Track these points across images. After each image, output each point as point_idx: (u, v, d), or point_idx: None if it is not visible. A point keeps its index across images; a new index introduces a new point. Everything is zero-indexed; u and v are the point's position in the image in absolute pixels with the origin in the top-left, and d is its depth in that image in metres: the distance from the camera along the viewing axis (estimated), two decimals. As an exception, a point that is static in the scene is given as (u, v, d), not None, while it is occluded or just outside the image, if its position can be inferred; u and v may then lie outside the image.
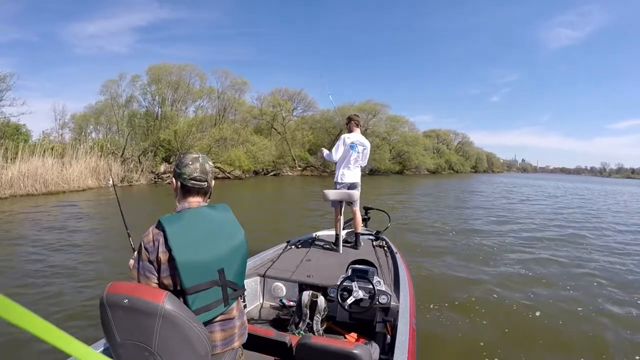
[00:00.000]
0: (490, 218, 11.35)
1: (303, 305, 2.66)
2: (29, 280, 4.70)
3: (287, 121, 38.23)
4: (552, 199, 20.30)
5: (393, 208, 12.38)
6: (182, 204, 1.54)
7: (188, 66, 30.16)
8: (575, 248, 7.47)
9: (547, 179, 66.79)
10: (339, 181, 4.46)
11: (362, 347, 1.66)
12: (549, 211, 13.94)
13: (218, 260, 1.45)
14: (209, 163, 1.60)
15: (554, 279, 5.34)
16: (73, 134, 27.69)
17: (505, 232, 8.88)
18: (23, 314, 0.31)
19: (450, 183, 33.01)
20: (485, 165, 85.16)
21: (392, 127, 48.17)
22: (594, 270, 5.90)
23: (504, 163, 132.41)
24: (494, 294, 4.65)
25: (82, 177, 15.25)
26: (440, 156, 60.38)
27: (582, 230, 9.77)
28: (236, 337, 1.57)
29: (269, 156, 30.36)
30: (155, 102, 28.20)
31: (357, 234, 4.24)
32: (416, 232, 8.52)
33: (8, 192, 12.37)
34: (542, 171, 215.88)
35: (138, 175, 18.89)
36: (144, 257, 1.43)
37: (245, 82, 33.65)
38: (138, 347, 1.30)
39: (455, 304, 4.28)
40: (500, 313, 4.09)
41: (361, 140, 4.49)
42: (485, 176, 60.28)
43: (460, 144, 71.98)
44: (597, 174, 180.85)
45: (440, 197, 18.23)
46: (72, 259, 5.64)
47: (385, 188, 23.01)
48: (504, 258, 6.43)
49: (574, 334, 3.68)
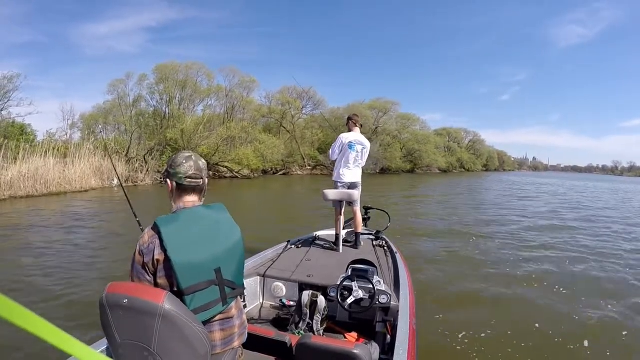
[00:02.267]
0: (510, 222, 10.59)
1: (303, 305, 2.65)
2: (29, 280, 4.68)
3: (296, 119, 37.65)
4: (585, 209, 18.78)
5: (402, 212, 11.67)
6: (177, 204, 1.53)
7: (195, 64, 29.62)
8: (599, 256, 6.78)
9: (562, 177, 65.26)
10: (338, 180, 4.45)
11: (362, 347, 1.65)
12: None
13: (215, 259, 1.44)
14: (202, 161, 1.60)
15: (562, 282, 5.13)
16: (82, 134, 27.43)
17: (520, 237, 8.26)
18: (23, 313, 0.31)
19: (465, 183, 32.18)
20: (496, 164, 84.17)
21: (402, 126, 47.52)
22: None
23: (514, 161, 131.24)
24: (496, 294, 4.64)
25: (84, 177, 14.78)
26: (452, 155, 59.36)
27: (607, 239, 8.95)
28: (236, 336, 1.56)
29: (278, 155, 29.69)
30: (163, 101, 27.77)
31: (357, 234, 4.21)
32: (424, 235, 8.16)
33: (7, 194, 11.96)
34: (553, 169, 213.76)
35: (143, 175, 18.43)
36: (137, 260, 1.42)
37: (254, 80, 32.96)
38: (138, 347, 1.29)
39: (455, 304, 4.30)
40: (501, 314, 4.07)
41: (360, 139, 4.48)
42: (496, 175, 59.46)
43: (472, 142, 70.93)
44: (609, 172, 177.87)
45: (459, 198, 17.48)
46: (70, 260, 5.57)
47: (394, 187, 22.32)
48: (512, 259, 6.29)
49: (579, 338, 3.56)
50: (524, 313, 4.09)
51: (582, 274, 5.64)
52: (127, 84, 28.40)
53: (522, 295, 4.62)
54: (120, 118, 27.54)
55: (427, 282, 4.91)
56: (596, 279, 5.42)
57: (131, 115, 27.25)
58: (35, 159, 13.57)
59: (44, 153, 14.06)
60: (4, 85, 18.78)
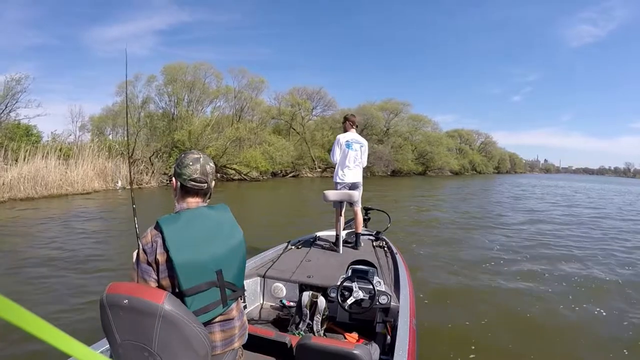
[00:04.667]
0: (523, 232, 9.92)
1: (303, 306, 2.65)
2: (27, 280, 4.68)
3: (306, 121, 36.95)
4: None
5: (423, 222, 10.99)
6: (180, 204, 1.52)
7: (203, 65, 29.00)
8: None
9: (579, 180, 63.62)
10: (338, 181, 4.43)
11: (362, 348, 1.65)
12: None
13: (216, 261, 1.43)
14: (210, 164, 1.56)
15: (569, 287, 5.03)
16: (92, 136, 27.19)
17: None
18: (23, 314, 0.31)
19: (480, 185, 31.15)
20: (508, 166, 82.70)
21: (414, 127, 46.67)
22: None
23: (526, 163, 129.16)
24: (498, 294, 4.65)
25: (87, 179, 14.24)
26: (464, 157, 58.23)
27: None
28: (236, 337, 1.55)
29: (287, 157, 28.94)
30: (171, 103, 27.32)
31: (357, 234, 4.20)
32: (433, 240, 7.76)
33: (7, 196, 11.46)
34: (564, 171, 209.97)
35: (149, 177, 17.85)
36: (142, 259, 1.41)
37: (263, 80, 32.18)
38: (138, 347, 1.29)
39: (456, 304, 4.28)
40: (503, 314, 4.06)
41: (356, 138, 4.48)
42: (508, 177, 58.45)
43: (483, 144, 69.61)
44: (621, 174, 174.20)
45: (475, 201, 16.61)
46: (68, 262, 5.52)
47: (404, 190, 21.58)
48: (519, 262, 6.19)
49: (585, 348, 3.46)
50: (525, 313, 4.08)
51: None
52: (135, 85, 28.17)
53: (523, 295, 4.62)
54: (129, 120, 27.18)
55: (428, 282, 4.89)
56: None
57: (139, 117, 26.92)
58: (36, 160, 13.09)
59: (45, 154, 13.57)
60: (12, 86, 18.51)
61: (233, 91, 29.93)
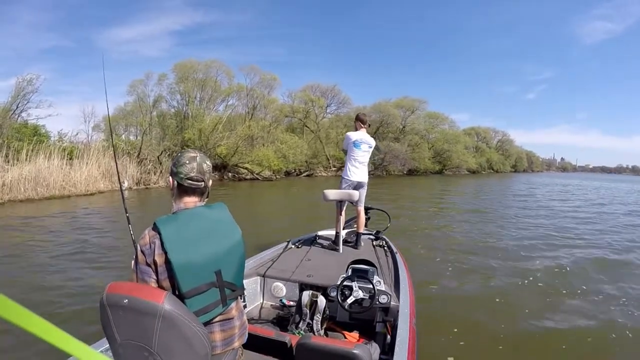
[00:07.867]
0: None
1: (303, 305, 2.63)
2: (27, 280, 4.65)
3: (320, 119, 36.01)
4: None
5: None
6: (177, 204, 1.48)
7: (214, 62, 28.38)
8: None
9: (598, 179, 61.39)
10: (346, 178, 4.44)
11: (362, 347, 1.64)
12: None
13: (215, 261, 1.41)
14: (207, 162, 1.53)
15: (574, 289, 4.84)
16: (105, 135, 26.92)
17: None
18: (23, 313, 0.31)
19: (498, 185, 29.80)
20: (525, 165, 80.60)
21: (431, 125, 45.39)
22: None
23: (543, 162, 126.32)
24: (499, 295, 4.56)
25: (91, 179, 13.57)
26: (481, 155, 56.61)
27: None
28: (236, 337, 1.52)
29: (301, 156, 28.07)
30: (183, 101, 26.81)
31: (358, 234, 4.20)
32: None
33: (7, 197, 10.90)
34: (582, 170, 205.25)
35: (157, 177, 17.19)
36: (141, 260, 1.38)
37: (275, 77, 31.35)
38: (138, 347, 1.27)
39: (456, 304, 4.22)
40: (503, 314, 3.99)
41: (365, 138, 4.49)
42: (525, 176, 56.60)
43: (500, 142, 67.72)
44: (639, 173, 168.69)
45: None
46: (68, 262, 5.48)
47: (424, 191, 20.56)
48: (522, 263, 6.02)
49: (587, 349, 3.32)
50: (524, 313, 4.03)
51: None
52: (146, 84, 27.73)
53: (522, 295, 4.59)
54: (140, 119, 26.75)
55: (428, 283, 4.86)
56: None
57: (150, 116, 26.46)
58: (39, 160, 12.47)
59: (48, 154, 12.94)
60: (23, 87, 18.40)
61: (245, 89, 29.18)
